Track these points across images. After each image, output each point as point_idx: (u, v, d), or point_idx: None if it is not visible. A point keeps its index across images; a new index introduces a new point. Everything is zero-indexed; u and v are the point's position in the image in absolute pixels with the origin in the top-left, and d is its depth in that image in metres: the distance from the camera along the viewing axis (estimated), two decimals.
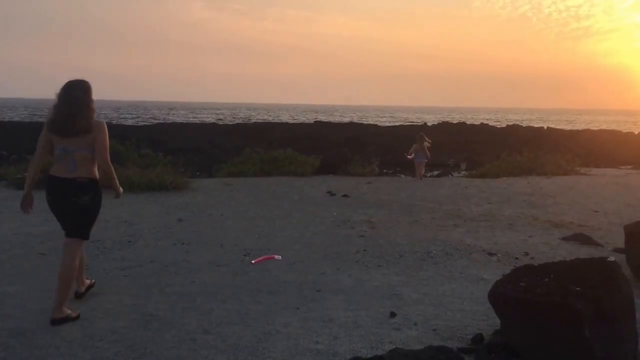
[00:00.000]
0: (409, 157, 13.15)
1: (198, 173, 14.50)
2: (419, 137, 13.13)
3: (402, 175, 14.52)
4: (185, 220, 7.28)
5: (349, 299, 4.25)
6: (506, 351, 3.33)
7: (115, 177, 4.33)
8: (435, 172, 20.08)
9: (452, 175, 18.59)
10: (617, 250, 5.70)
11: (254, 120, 59.57)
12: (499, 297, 3.44)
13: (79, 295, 4.37)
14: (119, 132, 30.44)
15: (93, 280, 4.63)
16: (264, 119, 65.45)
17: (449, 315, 3.95)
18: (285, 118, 74.07)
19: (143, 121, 59.13)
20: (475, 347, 3.45)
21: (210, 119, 68.47)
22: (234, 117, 77.98)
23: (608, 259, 3.51)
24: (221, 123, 50.39)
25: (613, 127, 55.06)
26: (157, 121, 55.71)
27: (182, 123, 46.53)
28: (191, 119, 64.25)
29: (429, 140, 13.30)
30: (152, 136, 30.33)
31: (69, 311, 3.94)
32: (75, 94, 4.08)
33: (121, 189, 4.53)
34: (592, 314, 3.12)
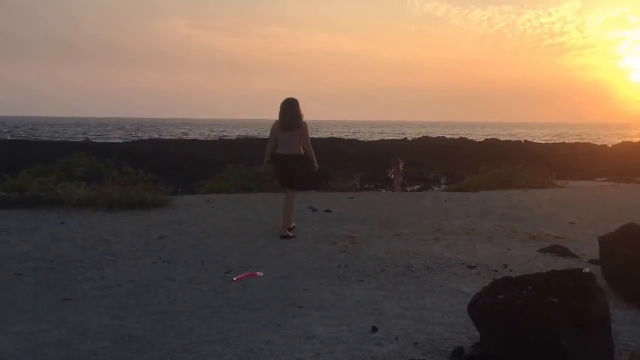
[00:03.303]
0: (390, 176, 15.15)
1: (179, 190, 14.39)
2: (395, 162, 14.78)
3: (383, 190, 14.63)
4: (165, 237, 7.23)
5: (330, 315, 4.26)
6: None
7: (313, 154, 7.37)
8: (416, 186, 20.23)
9: (432, 189, 18.77)
10: (592, 262, 5.79)
11: (236, 136, 59.47)
12: (478, 309, 3.49)
13: (290, 229, 7.25)
14: (99, 149, 30.15)
15: (294, 236, 7.18)
16: (247, 135, 65.40)
17: (430, 328, 3.98)
18: (268, 134, 73.95)
19: (125, 138, 58.67)
20: None
21: (192, 135, 68.20)
22: (214, 133, 77.72)
23: (584, 271, 3.59)
24: (203, 139, 50.21)
25: (588, 140, 56.06)
26: (139, 138, 55.34)
27: (163, 139, 46.29)
28: (173, 136, 63.93)
29: (403, 163, 15.32)
30: (133, 153, 30.09)
31: (290, 233, 7.12)
32: (292, 105, 7.18)
33: (317, 165, 7.48)
34: (569, 324, 3.18)
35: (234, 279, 5.34)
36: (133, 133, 76.70)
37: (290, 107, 7.17)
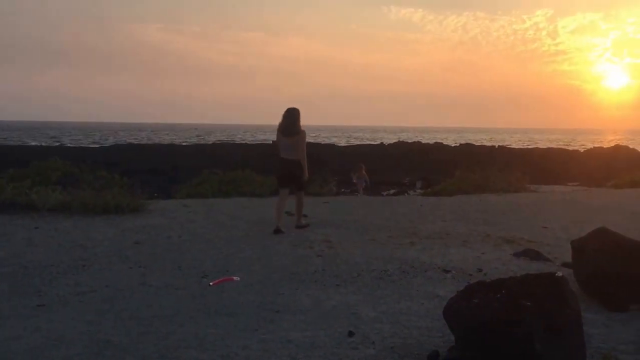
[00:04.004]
0: (354, 180, 15.40)
1: (156, 194, 14.27)
2: (358, 167, 14.99)
3: (359, 195, 14.70)
4: (142, 243, 7.17)
5: (307, 320, 4.28)
6: None
7: (306, 162, 7.96)
8: (392, 191, 20.38)
9: (408, 193, 18.91)
10: (565, 265, 5.91)
11: (212, 141, 59.11)
12: (453, 313, 3.54)
13: (300, 227, 8.09)
14: (74, 153, 29.70)
15: (309, 225, 8.26)
16: (223, 140, 65.04)
17: (406, 332, 4.02)
18: (244, 138, 73.78)
19: (100, 142, 57.89)
20: None
21: (168, 140, 67.62)
22: (191, 138, 77.20)
23: (556, 274, 3.66)
24: (179, 144, 49.80)
25: (561, 145, 57.14)
26: (114, 142, 54.63)
27: (139, 144, 45.76)
28: (148, 140, 63.29)
29: (365, 169, 15.41)
30: (108, 157, 29.76)
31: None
32: (292, 113, 7.94)
33: (307, 174, 8.12)
34: (542, 328, 3.25)
35: (211, 283, 5.32)
36: (109, 137, 75.78)
37: (290, 115, 7.96)
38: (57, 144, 51.03)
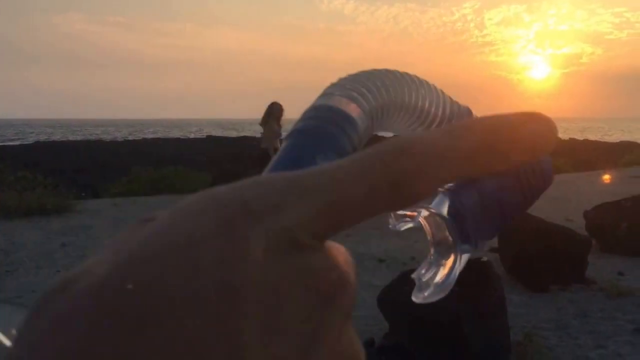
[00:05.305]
0: None
1: (83, 194, 13.76)
2: None
3: None
4: (69, 245, 6.91)
5: None
6: (395, 352, 3.53)
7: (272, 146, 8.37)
8: None
9: None
10: (492, 250, 6.17)
11: (142, 137, 57.50)
12: (386, 302, 3.64)
13: None
14: None
15: None
16: (153, 136, 63.39)
17: None
18: (175, 134, 72.20)
19: (21, 140, 55.06)
20: (367, 351, 3.61)
21: (95, 136, 65.20)
22: (119, 133, 74.82)
23: (482, 260, 3.84)
24: (106, 140, 48.14)
25: None
26: (35, 140, 52.10)
27: (63, 141, 43.90)
28: (73, 137, 60.79)
29: None
30: (30, 156, 28.34)
31: None
32: (271, 106, 8.54)
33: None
34: (468, 312, 3.40)
35: None
36: (30, 135, 72.20)
37: (268, 107, 8.62)
38: None
